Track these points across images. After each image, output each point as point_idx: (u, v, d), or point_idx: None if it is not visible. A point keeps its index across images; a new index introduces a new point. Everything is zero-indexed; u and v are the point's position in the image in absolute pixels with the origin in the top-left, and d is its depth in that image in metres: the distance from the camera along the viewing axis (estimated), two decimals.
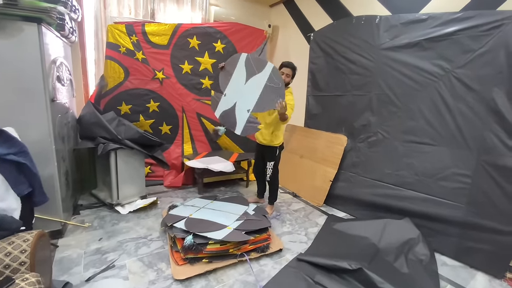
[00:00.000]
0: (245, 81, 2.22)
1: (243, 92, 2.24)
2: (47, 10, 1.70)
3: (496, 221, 1.89)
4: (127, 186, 2.60)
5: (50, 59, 1.87)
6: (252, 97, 2.20)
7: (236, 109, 2.26)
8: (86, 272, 1.69)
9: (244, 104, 2.23)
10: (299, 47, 3.68)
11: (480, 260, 1.95)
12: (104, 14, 3.03)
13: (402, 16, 2.41)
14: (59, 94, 2.02)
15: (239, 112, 2.25)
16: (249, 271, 1.80)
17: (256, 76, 2.19)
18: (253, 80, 2.20)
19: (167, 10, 3.41)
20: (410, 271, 1.82)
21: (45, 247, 1.34)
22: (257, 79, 2.18)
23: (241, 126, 2.24)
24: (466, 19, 2.01)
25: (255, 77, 2.19)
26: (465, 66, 2.04)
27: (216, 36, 3.37)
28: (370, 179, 2.67)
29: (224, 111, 2.33)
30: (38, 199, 1.56)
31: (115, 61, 2.98)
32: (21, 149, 1.46)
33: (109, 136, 2.48)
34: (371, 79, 2.66)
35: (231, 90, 2.32)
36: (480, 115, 1.98)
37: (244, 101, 2.23)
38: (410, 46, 2.33)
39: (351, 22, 2.83)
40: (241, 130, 2.24)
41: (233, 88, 2.31)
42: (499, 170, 1.89)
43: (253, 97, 2.19)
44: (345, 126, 2.96)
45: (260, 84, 2.16)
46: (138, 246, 2.01)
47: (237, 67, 2.27)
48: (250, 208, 2.36)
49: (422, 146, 2.31)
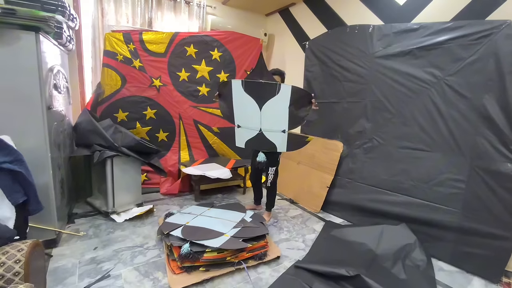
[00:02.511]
0: (260, 108, 2.13)
1: (262, 117, 2.16)
2: (45, 19, 1.71)
3: (491, 226, 1.91)
4: (123, 194, 2.58)
5: (47, 67, 1.88)
6: (279, 119, 2.11)
7: (266, 134, 2.21)
8: (81, 282, 1.66)
9: (273, 127, 2.17)
10: (295, 55, 3.74)
11: (476, 265, 1.96)
12: (101, 22, 3.05)
13: (394, 26, 2.47)
14: (56, 102, 2.02)
15: (273, 135, 2.20)
16: (246, 279, 1.79)
17: (272, 100, 2.08)
18: (271, 104, 2.10)
19: (164, 19, 3.45)
20: (408, 277, 1.82)
21: (40, 257, 1.32)
22: (276, 102, 2.08)
23: (284, 145, 2.20)
24: (457, 28, 2.07)
25: (271, 101, 2.09)
26: (456, 74, 2.09)
27: (213, 44, 3.41)
28: (366, 185, 2.69)
29: (249, 140, 2.29)
30: (33, 208, 1.55)
31: (112, 69, 2.99)
32: (16, 157, 1.46)
33: (105, 143, 2.47)
34: (366, 86, 2.70)
35: (244, 121, 2.27)
36: (472, 121, 2.03)
37: (271, 124, 2.17)
38: (403, 55, 2.39)
39: (345, 31, 2.89)
40: (286, 147, 2.20)
41: (245, 117, 2.25)
42: (492, 175, 1.92)
43: (281, 119, 2.11)
44: (341, 133, 2.99)
45: (283, 106, 2.07)
46: (134, 255, 1.98)
47: (236, 95, 2.18)
48: (247, 215, 2.36)
49: (416, 152, 2.35)
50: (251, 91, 2.13)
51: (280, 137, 2.19)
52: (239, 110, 2.25)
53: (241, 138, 2.34)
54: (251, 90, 2.13)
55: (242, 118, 2.28)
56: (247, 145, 2.33)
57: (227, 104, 2.29)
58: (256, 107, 2.14)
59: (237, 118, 2.29)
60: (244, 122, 2.28)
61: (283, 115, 2.11)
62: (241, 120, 2.29)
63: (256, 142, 2.28)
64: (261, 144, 2.28)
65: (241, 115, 2.27)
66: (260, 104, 2.13)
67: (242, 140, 2.34)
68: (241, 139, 2.34)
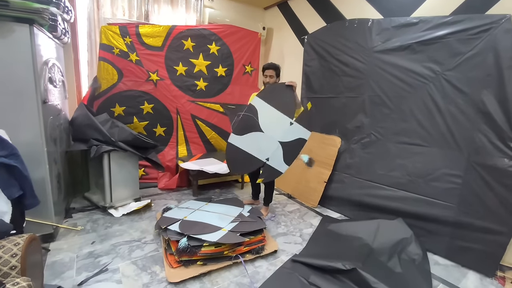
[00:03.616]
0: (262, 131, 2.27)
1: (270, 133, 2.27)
2: (39, 11, 1.68)
3: (486, 221, 1.93)
4: (120, 189, 2.58)
5: (42, 60, 1.85)
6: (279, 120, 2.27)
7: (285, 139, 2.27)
8: (78, 276, 1.66)
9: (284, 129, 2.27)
10: (293, 50, 3.71)
11: (471, 259, 1.98)
12: (97, 15, 3.00)
13: (393, 20, 2.45)
14: (51, 96, 2.00)
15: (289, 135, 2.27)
16: (244, 273, 1.80)
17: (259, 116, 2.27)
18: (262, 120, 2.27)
19: (161, 12, 3.40)
20: (403, 271, 1.84)
21: (36, 251, 1.32)
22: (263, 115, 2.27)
23: (303, 130, 2.29)
24: (456, 22, 2.06)
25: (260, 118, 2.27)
26: (454, 68, 2.08)
27: (210, 38, 3.37)
28: (363, 180, 2.70)
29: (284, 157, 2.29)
30: (29, 202, 1.53)
31: (108, 63, 2.96)
32: (11, 152, 1.44)
33: (102, 138, 2.46)
34: (364, 81, 2.69)
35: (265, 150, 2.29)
36: (469, 116, 2.02)
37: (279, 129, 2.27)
38: (402, 49, 2.37)
39: (344, 25, 2.87)
40: (306, 132, 2.29)
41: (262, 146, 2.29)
42: (488, 170, 1.93)
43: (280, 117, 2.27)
44: (339, 128, 2.99)
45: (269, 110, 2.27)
46: (131, 249, 1.99)
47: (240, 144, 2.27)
48: (245, 209, 2.36)
49: (414, 147, 2.35)
50: (243, 130, 2.27)
51: (295, 129, 2.27)
52: (254, 150, 2.28)
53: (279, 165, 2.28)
54: (242, 129, 2.27)
55: (262, 151, 2.28)
56: (288, 161, 2.29)
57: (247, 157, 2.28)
58: (259, 133, 2.26)
59: (259, 155, 2.28)
60: (266, 151, 2.28)
61: (278, 115, 2.26)
62: (262, 153, 2.28)
63: (288, 153, 2.29)
64: (293, 148, 2.30)
65: (259, 150, 2.28)
66: (258, 129, 2.27)
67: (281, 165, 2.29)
68: (280, 165, 2.29)
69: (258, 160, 2.27)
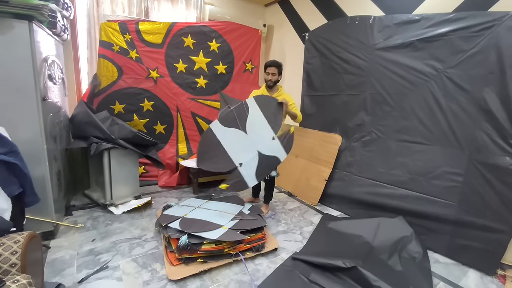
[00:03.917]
0: (245, 131, 2.20)
1: (252, 138, 2.19)
2: (38, 8, 1.67)
3: (487, 219, 1.93)
4: (120, 186, 2.57)
5: (42, 57, 1.84)
6: (264, 130, 2.19)
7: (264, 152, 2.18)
8: (79, 274, 1.67)
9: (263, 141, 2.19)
10: (294, 47, 3.69)
11: (472, 258, 1.98)
12: (97, 12, 2.99)
13: (395, 17, 2.43)
14: (51, 93, 1.99)
15: (269, 150, 2.17)
16: (244, 270, 1.80)
17: (249, 118, 2.22)
18: (250, 122, 2.22)
19: (161, 9, 3.38)
20: (404, 269, 1.84)
21: (37, 248, 1.31)
22: (252, 118, 2.22)
23: (282, 150, 2.17)
24: (458, 20, 2.04)
25: (249, 119, 2.22)
26: (456, 66, 2.07)
27: (211, 35, 3.35)
28: (364, 178, 2.69)
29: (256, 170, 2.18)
30: (29, 200, 1.53)
31: (108, 60, 2.95)
32: (11, 149, 1.44)
33: (102, 135, 2.45)
34: (365, 79, 2.68)
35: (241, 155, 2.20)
36: (471, 114, 2.01)
37: (261, 140, 2.19)
38: (403, 47, 2.36)
39: (346, 22, 2.84)
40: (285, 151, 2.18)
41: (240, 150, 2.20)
42: (490, 168, 1.92)
43: (265, 128, 2.20)
44: (340, 126, 2.98)
45: (259, 116, 2.22)
46: (132, 246, 1.99)
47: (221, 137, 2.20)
48: (245, 207, 2.36)
49: (415, 145, 2.34)
50: (229, 123, 2.20)
51: (275, 146, 2.17)
52: (232, 148, 2.20)
53: (249, 175, 2.17)
54: (229, 121, 2.20)
55: (238, 153, 2.19)
56: (259, 176, 2.18)
57: (220, 154, 2.20)
58: (242, 133, 2.18)
59: (234, 157, 2.19)
60: (242, 155, 2.19)
61: (264, 125, 2.19)
62: (238, 155, 2.19)
63: (262, 167, 2.18)
64: (267, 164, 2.20)
65: (236, 151, 2.20)
66: (243, 128, 2.19)
67: (251, 177, 2.17)
68: (250, 177, 2.17)
69: (231, 162, 2.17)
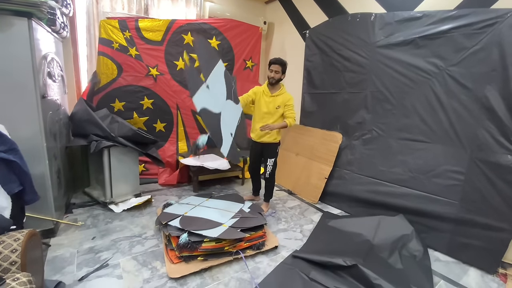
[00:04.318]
0: (226, 98, 2.12)
1: (224, 107, 2.05)
2: (38, 5, 1.66)
3: (488, 217, 1.92)
4: (120, 184, 2.57)
5: (41, 55, 1.83)
6: (232, 120, 2.11)
7: (222, 123, 1.95)
8: (79, 272, 1.67)
9: (227, 123, 2.01)
10: (295, 45, 3.67)
11: (472, 256, 1.98)
12: (96, 9, 2.97)
13: (397, 14, 2.41)
14: (50, 91, 1.98)
15: (224, 129, 1.96)
16: (244, 268, 1.80)
17: (233, 103, 2.21)
18: (231, 104, 2.18)
19: (161, 6, 3.36)
20: (404, 267, 1.84)
21: (37, 246, 1.31)
22: (234, 107, 2.21)
23: (227, 149, 1.93)
24: (460, 17, 2.03)
25: (232, 103, 2.20)
26: (458, 64, 2.06)
27: (211, 32, 3.34)
28: (364, 176, 2.69)
29: (206, 109, 1.84)
30: (29, 198, 1.53)
31: (108, 57, 2.93)
32: (11, 147, 1.43)
33: (102, 133, 2.44)
34: (366, 76, 2.66)
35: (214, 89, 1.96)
36: (473, 112, 2.00)
37: (227, 119, 2.01)
38: (405, 44, 2.34)
39: (347, 19, 2.83)
40: (227, 153, 1.93)
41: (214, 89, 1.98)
42: (491, 167, 1.91)
43: (233, 122, 2.12)
44: (340, 124, 2.97)
45: (238, 113, 2.24)
46: (132, 244, 1.99)
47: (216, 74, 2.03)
48: (245, 205, 2.36)
49: (416, 143, 2.33)
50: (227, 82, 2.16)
51: (228, 139, 1.99)
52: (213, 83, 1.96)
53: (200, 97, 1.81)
54: (228, 83, 2.17)
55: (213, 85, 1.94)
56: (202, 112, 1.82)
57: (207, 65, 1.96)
58: (224, 94, 2.12)
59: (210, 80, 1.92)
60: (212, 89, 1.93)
61: (235, 118, 2.18)
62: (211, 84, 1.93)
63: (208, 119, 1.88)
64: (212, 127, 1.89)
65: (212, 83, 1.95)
66: (227, 96, 2.15)
67: (200, 101, 1.80)
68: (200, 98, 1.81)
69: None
